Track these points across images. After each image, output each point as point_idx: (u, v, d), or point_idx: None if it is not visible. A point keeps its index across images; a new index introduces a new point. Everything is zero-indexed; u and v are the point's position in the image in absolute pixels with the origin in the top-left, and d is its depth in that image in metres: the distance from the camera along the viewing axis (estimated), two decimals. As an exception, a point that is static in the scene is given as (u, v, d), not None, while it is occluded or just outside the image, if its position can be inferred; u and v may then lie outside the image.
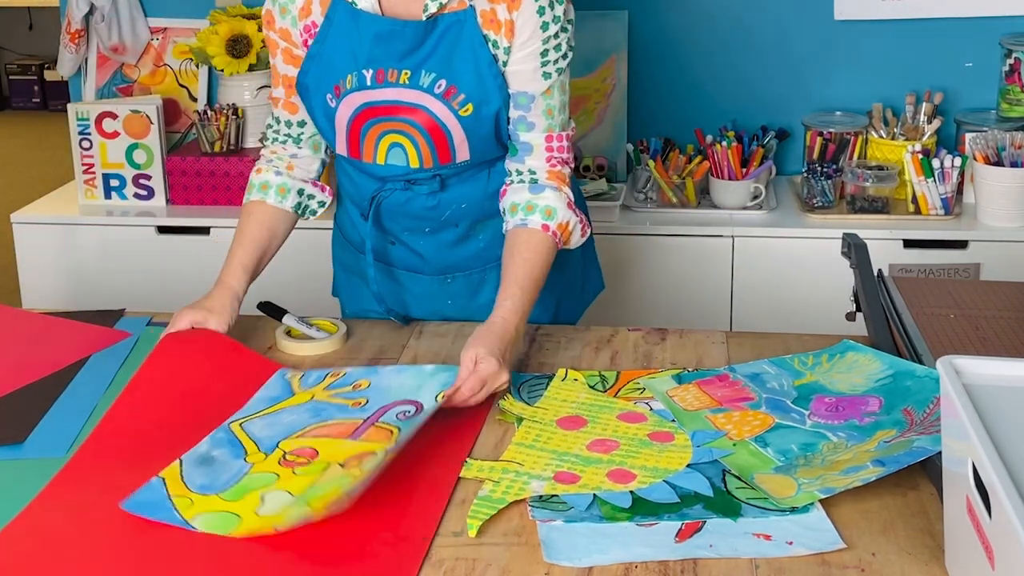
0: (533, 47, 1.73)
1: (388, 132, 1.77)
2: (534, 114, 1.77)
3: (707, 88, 3.06)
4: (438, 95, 1.73)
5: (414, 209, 1.86)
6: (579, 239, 1.84)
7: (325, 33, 1.75)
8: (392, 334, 1.87)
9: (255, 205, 1.88)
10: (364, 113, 1.76)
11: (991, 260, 2.68)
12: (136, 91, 3.17)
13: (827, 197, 2.79)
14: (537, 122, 1.78)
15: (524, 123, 1.78)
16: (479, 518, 1.33)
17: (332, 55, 1.76)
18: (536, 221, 1.77)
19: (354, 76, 1.75)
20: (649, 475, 1.42)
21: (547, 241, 1.77)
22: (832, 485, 1.35)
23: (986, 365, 1.20)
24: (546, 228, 1.77)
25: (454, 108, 1.74)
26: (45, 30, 7.12)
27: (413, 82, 1.73)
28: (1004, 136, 2.72)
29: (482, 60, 1.72)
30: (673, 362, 1.74)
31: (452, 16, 1.71)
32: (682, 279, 2.77)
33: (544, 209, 1.77)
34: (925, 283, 1.88)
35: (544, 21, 1.72)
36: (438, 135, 1.76)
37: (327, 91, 1.77)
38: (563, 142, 1.81)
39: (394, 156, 1.80)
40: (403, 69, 1.73)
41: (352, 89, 1.75)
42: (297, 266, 2.81)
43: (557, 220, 1.78)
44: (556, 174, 1.80)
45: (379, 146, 1.79)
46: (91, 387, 1.70)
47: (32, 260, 2.95)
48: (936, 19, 2.94)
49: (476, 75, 1.73)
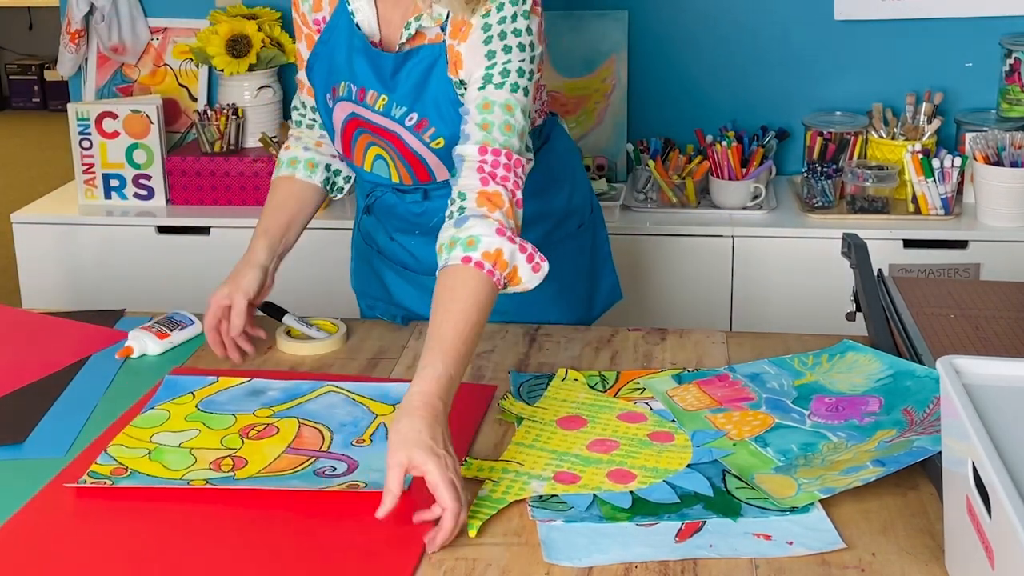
0: (478, 73, 1.65)
1: (373, 144, 1.79)
2: (468, 126, 1.63)
3: (707, 88, 3.06)
4: (409, 127, 1.73)
5: (402, 213, 1.87)
6: (531, 274, 1.55)
7: (330, 34, 1.77)
8: (392, 335, 1.87)
9: (283, 180, 1.88)
10: (354, 121, 1.78)
11: (991, 260, 2.68)
12: (136, 91, 3.17)
13: (827, 197, 2.79)
14: (472, 134, 1.62)
15: (463, 135, 1.64)
16: (479, 518, 1.33)
17: (333, 56, 1.77)
18: (456, 256, 1.52)
19: (345, 86, 1.76)
20: (649, 475, 1.42)
21: (473, 278, 1.50)
22: (832, 485, 1.35)
23: (986, 365, 1.20)
24: (467, 260, 1.51)
25: (425, 140, 1.73)
26: (45, 30, 7.12)
27: (386, 110, 1.73)
28: (1004, 136, 2.72)
29: (450, 96, 1.69)
30: (673, 362, 1.74)
31: (426, 49, 1.70)
32: (682, 279, 2.77)
33: (466, 240, 1.52)
34: (925, 283, 1.88)
35: (491, 50, 1.64)
36: (414, 161, 1.77)
37: (326, 91, 1.79)
38: (500, 158, 1.59)
39: (378, 167, 1.81)
40: (381, 94, 1.73)
41: (343, 97, 1.77)
42: (298, 266, 2.81)
43: (481, 249, 1.51)
44: (487, 196, 1.56)
45: (367, 155, 1.81)
46: (91, 387, 1.70)
47: (32, 260, 2.95)
48: (936, 19, 2.94)
49: (445, 109, 1.70)
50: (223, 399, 1.64)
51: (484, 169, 1.59)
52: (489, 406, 1.61)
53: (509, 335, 1.85)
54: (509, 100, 1.63)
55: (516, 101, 1.64)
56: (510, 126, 1.62)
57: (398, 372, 1.74)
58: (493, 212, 1.55)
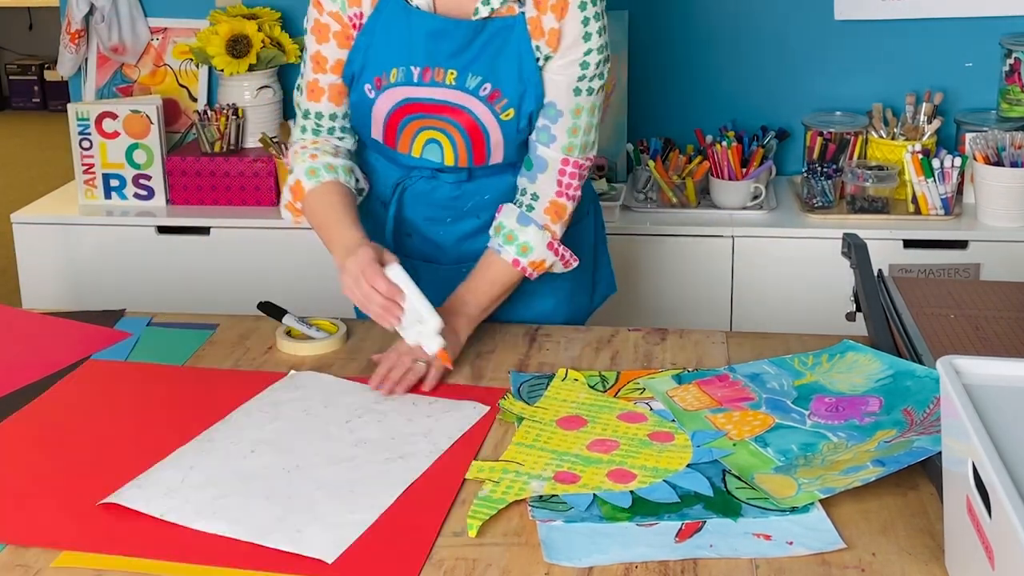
0: (572, 56, 1.73)
1: (427, 128, 1.79)
2: (558, 128, 1.77)
3: (707, 88, 3.06)
4: (482, 98, 1.74)
5: (438, 198, 1.87)
6: (560, 267, 1.85)
7: (373, 25, 1.75)
8: (392, 335, 1.86)
9: (332, 185, 1.79)
10: (405, 108, 1.77)
11: (991, 260, 2.68)
12: (136, 91, 3.17)
13: (827, 197, 2.79)
14: (559, 137, 1.78)
15: (546, 134, 1.77)
16: (479, 518, 1.33)
17: (379, 48, 1.75)
18: (510, 254, 1.80)
19: (400, 71, 1.75)
20: (649, 475, 1.42)
21: (515, 275, 1.81)
22: (832, 485, 1.35)
23: (986, 365, 1.20)
24: (516, 263, 1.80)
25: (496, 112, 1.75)
26: (45, 30, 7.12)
27: (459, 83, 1.74)
28: (1004, 136, 2.72)
29: (527, 66, 1.73)
30: (673, 362, 1.74)
31: (501, 21, 1.72)
32: (682, 279, 2.77)
33: (521, 245, 1.79)
34: (925, 283, 1.88)
35: (587, 32, 1.73)
36: (477, 137, 1.77)
37: (367, 81, 1.77)
38: (578, 170, 1.80)
39: (430, 151, 1.81)
40: (450, 69, 1.73)
41: (396, 83, 1.75)
42: (297, 266, 2.82)
43: (530, 258, 1.80)
44: (556, 207, 1.81)
45: (415, 140, 1.80)
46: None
47: (32, 260, 2.95)
48: (936, 19, 2.94)
49: (520, 80, 1.74)
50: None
51: (562, 182, 1.80)
52: (495, 411, 1.61)
53: (509, 335, 1.85)
54: (595, 103, 1.78)
55: (599, 101, 1.80)
56: (591, 127, 1.80)
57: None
58: (555, 224, 1.81)
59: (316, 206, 1.79)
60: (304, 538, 1.29)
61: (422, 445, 1.50)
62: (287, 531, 1.31)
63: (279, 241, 2.83)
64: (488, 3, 1.70)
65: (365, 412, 1.59)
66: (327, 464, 1.44)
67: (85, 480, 1.43)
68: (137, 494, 1.38)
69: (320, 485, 1.40)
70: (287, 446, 1.49)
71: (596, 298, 2.08)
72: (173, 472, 1.43)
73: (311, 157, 1.82)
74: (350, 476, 1.42)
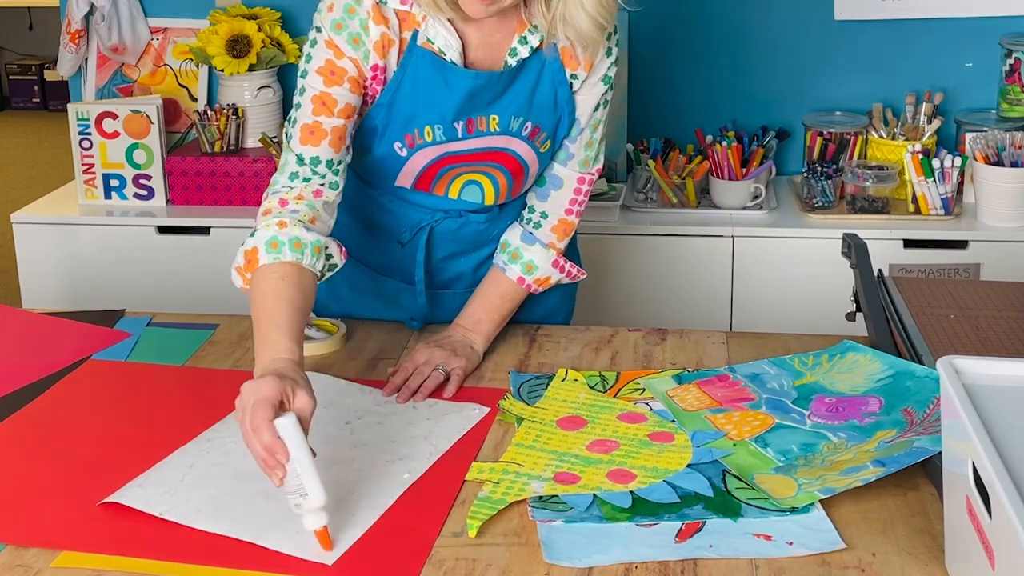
0: (600, 72, 1.74)
1: (467, 173, 1.75)
2: (577, 145, 1.78)
3: (707, 88, 3.06)
4: (524, 137, 1.72)
5: (465, 235, 1.83)
6: (568, 282, 1.88)
7: (399, 81, 1.65)
8: (392, 335, 1.87)
9: (290, 267, 1.53)
10: (444, 160, 1.71)
11: (991, 260, 2.68)
12: (136, 91, 3.17)
13: (827, 197, 2.79)
14: (576, 153, 1.78)
15: (564, 152, 1.78)
16: (479, 518, 1.33)
17: (406, 105, 1.66)
18: (515, 272, 1.81)
19: (438, 129, 1.67)
20: (649, 475, 1.42)
21: (521, 292, 1.82)
22: (832, 485, 1.35)
23: (986, 365, 1.20)
24: (521, 281, 1.81)
25: (536, 147, 1.74)
26: (45, 30, 7.12)
27: (503, 127, 1.70)
28: (1004, 136, 2.72)
29: (561, 96, 1.72)
30: (673, 362, 1.74)
31: (533, 58, 1.68)
32: (682, 279, 2.77)
33: (525, 264, 1.81)
34: (925, 283, 1.88)
35: (609, 47, 1.74)
36: (518, 173, 1.76)
37: (395, 139, 1.68)
38: (590, 186, 1.82)
39: (469, 193, 1.77)
40: (491, 115, 1.69)
41: (433, 142, 1.68)
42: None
43: (535, 276, 1.82)
44: (564, 225, 1.82)
45: (452, 184, 1.76)
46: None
47: (32, 260, 2.95)
48: (936, 19, 2.94)
49: (554, 111, 1.72)
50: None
51: (576, 200, 1.82)
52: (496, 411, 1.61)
53: (509, 335, 1.85)
54: (606, 113, 1.80)
55: (606, 113, 1.81)
56: (603, 137, 1.82)
57: (398, 372, 1.74)
58: (561, 242, 1.83)
59: (261, 292, 1.52)
60: (304, 539, 1.29)
61: (422, 447, 1.50)
62: (287, 532, 1.30)
63: (279, 241, 2.83)
64: (526, 42, 1.66)
65: (365, 414, 1.59)
66: (327, 465, 1.44)
67: (85, 480, 1.43)
68: (138, 493, 1.38)
69: None
70: None
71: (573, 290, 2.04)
72: (173, 471, 1.43)
73: (279, 225, 1.56)
74: (349, 477, 1.42)
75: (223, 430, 1.54)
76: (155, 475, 1.42)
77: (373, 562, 1.27)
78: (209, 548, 1.29)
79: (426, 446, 1.50)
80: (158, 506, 1.36)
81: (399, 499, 1.38)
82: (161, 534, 1.32)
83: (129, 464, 1.46)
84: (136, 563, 1.27)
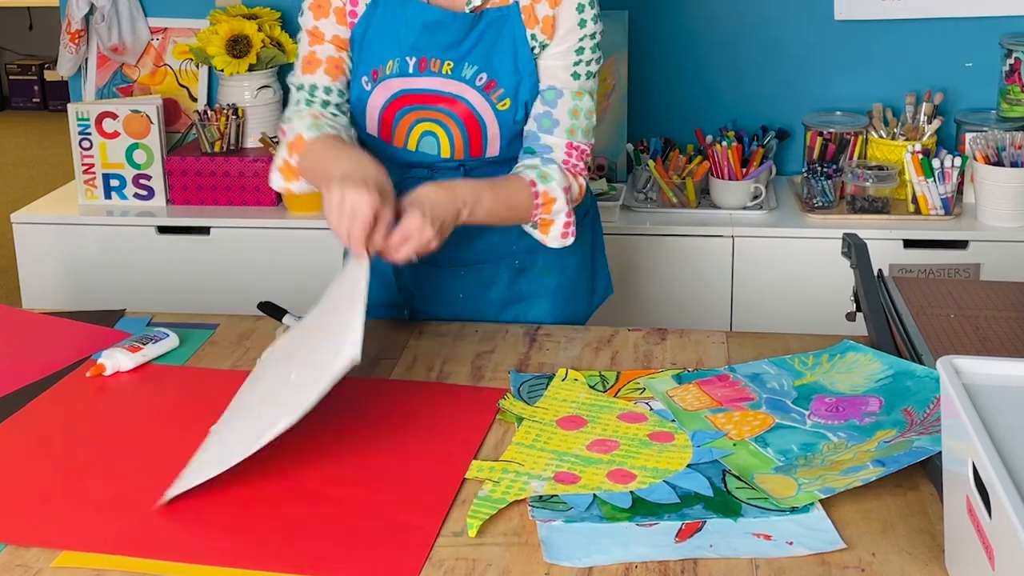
0: (568, 43, 1.75)
1: (423, 120, 1.79)
2: (559, 111, 1.77)
3: (707, 88, 3.06)
4: (479, 87, 1.76)
5: None
6: (558, 236, 1.78)
7: (370, 18, 1.76)
8: (392, 334, 1.87)
9: (337, 138, 1.72)
10: (401, 100, 1.78)
11: (991, 260, 2.68)
12: (136, 91, 3.17)
13: (827, 197, 2.79)
14: (561, 120, 1.78)
15: (548, 119, 1.78)
16: (479, 518, 1.33)
17: (375, 40, 1.76)
18: (528, 175, 1.75)
19: (395, 62, 1.76)
20: (649, 475, 1.42)
21: (528, 197, 1.73)
22: (832, 485, 1.35)
23: (986, 365, 1.20)
24: (533, 184, 1.74)
25: (492, 101, 1.76)
26: (45, 30, 7.12)
27: (455, 73, 1.75)
28: (1004, 136, 2.72)
29: (521, 55, 1.75)
30: (673, 362, 1.74)
31: (496, 11, 1.74)
32: (682, 279, 2.77)
33: (541, 172, 1.75)
34: (925, 283, 1.88)
35: (582, 19, 1.75)
36: (474, 127, 1.78)
37: (363, 74, 1.78)
38: (582, 155, 1.80)
39: (426, 144, 1.81)
40: (446, 60, 1.75)
41: (392, 75, 1.77)
42: (297, 266, 2.82)
43: (546, 187, 1.74)
44: (571, 168, 1.80)
45: (411, 132, 1.81)
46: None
47: (32, 260, 2.95)
48: (936, 19, 2.94)
49: (515, 70, 1.75)
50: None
51: (568, 163, 1.80)
52: (495, 410, 1.61)
53: (509, 335, 1.85)
54: (594, 86, 1.80)
55: (594, 87, 1.81)
56: (592, 111, 1.81)
57: (398, 372, 1.74)
58: (568, 176, 1.78)
59: (320, 150, 1.70)
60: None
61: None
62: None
63: (279, 241, 2.83)
64: (471, 1, 1.72)
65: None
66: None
67: (85, 480, 1.44)
68: (183, 483, 1.40)
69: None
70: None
71: (595, 300, 2.07)
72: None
73: (312, 116, 1.76)
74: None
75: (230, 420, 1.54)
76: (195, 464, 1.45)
77: (373, 562, 1.27)
78: (210, 548, 1.30)
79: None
80: (195, 477, 1.38)
81: (399, 499, 1.38)
82: (162, 534, 1.32)
83: (129, 463, 1.46)
84: (136, 563, 1.27)
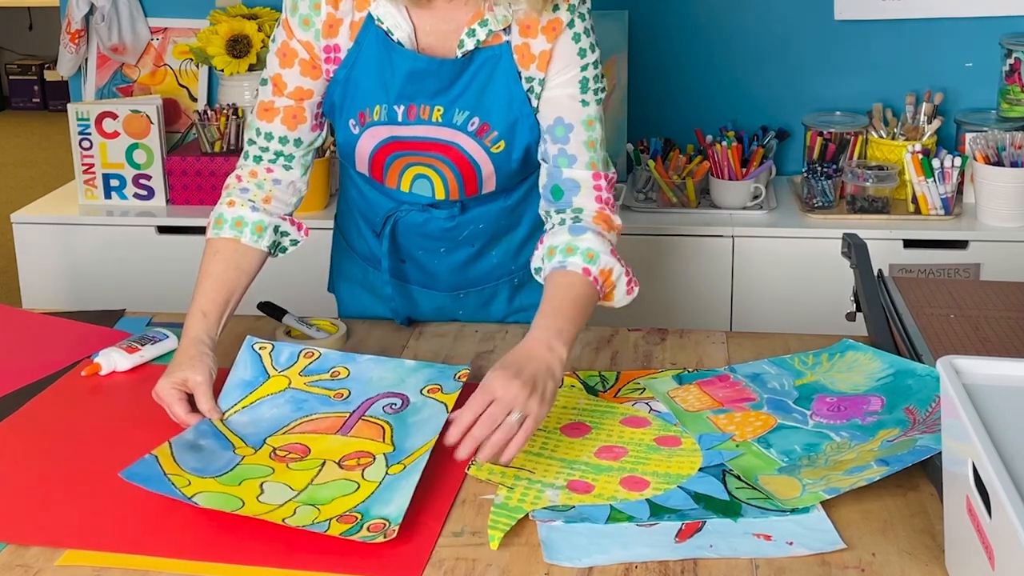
0: (571, 74, 1.66)
1: (415, 164, 1.74)
2: (574, 146, 1.68)
3: (707, 88, 3.06)
4: (471, 132, 1.69)
5: (431, 230, 1.83)
6: (624, 296, 1.67)
7: (354, 59, 1.68)
8: (392, 334, 1.87)
9: (226, 243, 1.71)
10: (390, 146, 1.72)
11: (991, 260, 2.68)
12: (136, 91, 3.17)
13: (827, 197, 2.79)
14: (579, 155, 1.68)
15: (565, 157, 1.68)
16: (500, 529, 1.31)
17: (360, 82, 1.69)
18: (576, 264, 1.61)
19: (383, 108, 1.69)
20: (663, 481, 1.41)
21: (588, 286, 1.60)
22: (837, 485, 1.35)
23: (986, 365, 1.20)
24: (587, 272, 1.60)
25: (486, 145, 1.70)
26: (45, 30, 7.12)
27: (446, 119, 1.69)
28: (1004, 136, 2.72)
29: (515, 97, 1.67)
30: (673, 362, 1.74)
31: (488, 51, 1.66)
32: (682, 279, 2.77)
33: (585, 252, 1.61)
34: (925, 283, 1.88)
35: (581, 48, 1.66)
36: (467, 171, 1.73)
37: (350, 117, 1.71)
38: (608, 185, 1.70)
39: (419, 187, 1.77)
40: (436, 106, 1.68)
41: (379, 122, 1.70)
42: (297, 266, 2.81)
43: (599, 265, 1.61)
44: (603, 217, 1.68)
45: (403, 176, 1.76)
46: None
47: (32, 260, 2.95)
48: (936, 19, 2.94)
49: (508, 112, 1.68)
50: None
51: (601, 198, 1.69)
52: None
53: (509, 335, 1.85)
54: (601, 112, 1.71)
55: (602, 114, 1.71)
56: (604, 140, 1.71)
57: (398, 372, 1.74)
58: (608, 233, 1.67)
59: (204, 262, 1.71)
60: None
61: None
62: None
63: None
64: (473, 35, 1.64)
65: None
66: None
67: (85, 479, 1.44)
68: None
69: None
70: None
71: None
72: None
73: (228, 204, 1.72)
74: None
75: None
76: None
77: (373, 561, 1.27)
78: (210, 546, 1.30)
79: None
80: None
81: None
82: (162, 533, 1.32)
83: (129, 463, 1.46)
84: (138, 561, 1.27)
